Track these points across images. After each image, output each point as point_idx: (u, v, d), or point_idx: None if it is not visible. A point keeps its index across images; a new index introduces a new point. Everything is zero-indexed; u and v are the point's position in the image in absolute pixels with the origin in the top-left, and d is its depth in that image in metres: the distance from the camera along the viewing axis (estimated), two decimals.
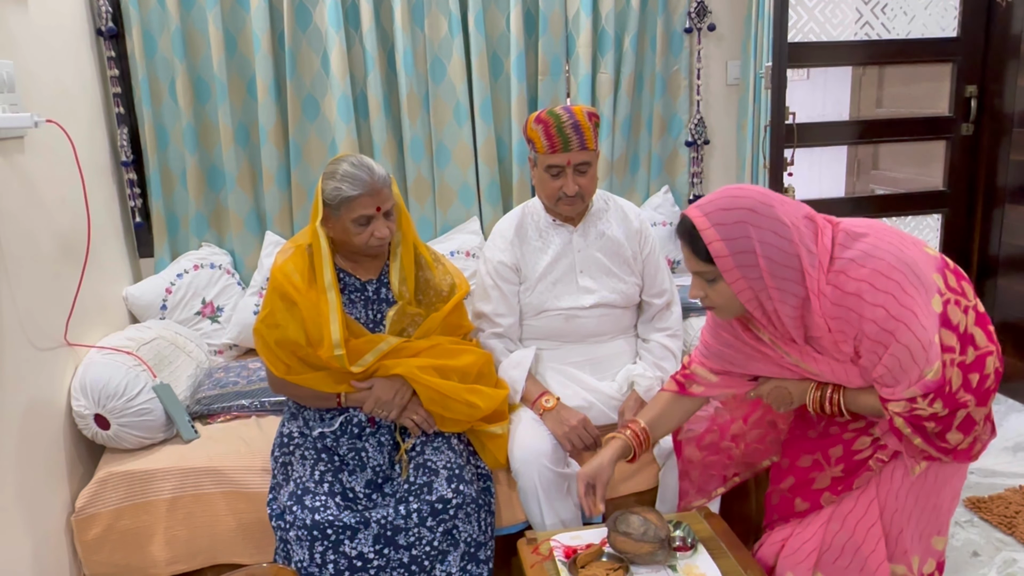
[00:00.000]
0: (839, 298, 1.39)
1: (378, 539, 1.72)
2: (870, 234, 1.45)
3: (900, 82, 3.62)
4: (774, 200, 1.42)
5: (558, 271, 2.09)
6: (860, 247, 1.42)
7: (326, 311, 1.80)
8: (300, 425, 1.90)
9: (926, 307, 1.36)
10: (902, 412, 1.41)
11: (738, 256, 1.39)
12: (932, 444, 1.43)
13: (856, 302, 1.38)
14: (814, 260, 1.40)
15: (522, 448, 1.93)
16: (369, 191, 1.76)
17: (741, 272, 1.40)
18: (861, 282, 1.38)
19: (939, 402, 1.37)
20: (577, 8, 2.81)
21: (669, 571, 1.61)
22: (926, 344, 1.35)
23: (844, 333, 1.41)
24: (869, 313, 1.37)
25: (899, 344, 1.35)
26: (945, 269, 1.44)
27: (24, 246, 1.83)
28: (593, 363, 2.11)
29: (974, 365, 1.39)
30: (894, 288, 1.36)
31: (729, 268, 1.40)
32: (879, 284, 1.37)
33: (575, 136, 1.93)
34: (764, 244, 1.38)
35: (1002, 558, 2.16)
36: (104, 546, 1.90)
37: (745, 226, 1.38)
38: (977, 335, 1.41)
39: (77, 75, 2.37)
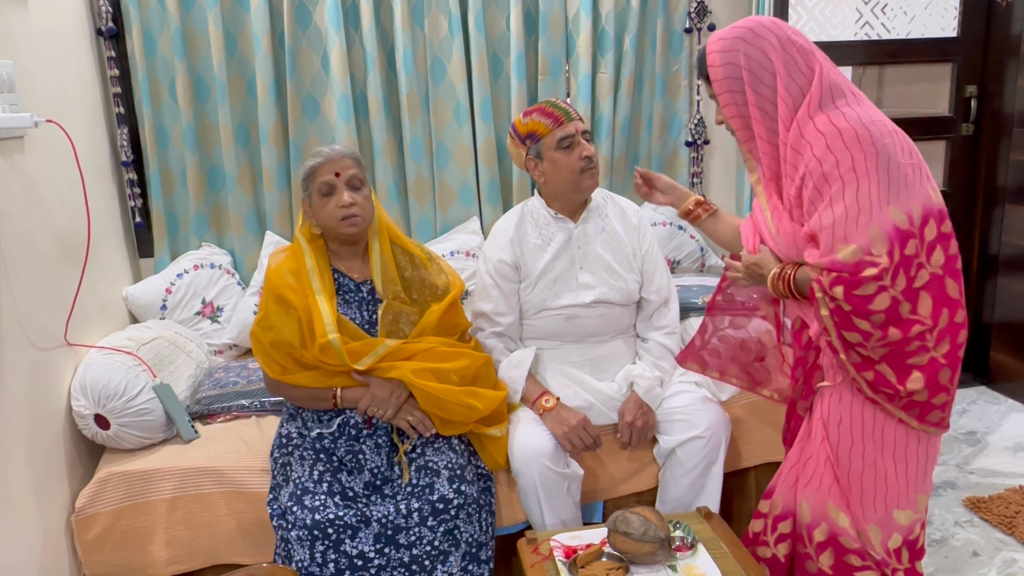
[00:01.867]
0: (796, 139, 1.45)
1: (379, 538, 1.72)
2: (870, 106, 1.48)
3: (900, 82, 3.62)
4: (782, 28, 1.52)
5: (559, 267, 2.09)
6: (857, 110, 1.45)
7: (317, 303, 1.82)
8: (299, 426, 1.90)
9: (875, 195, 1.39)
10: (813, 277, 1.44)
11: (726, 67, 1.52)
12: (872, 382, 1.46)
13: (811, 146, 1.43)
14: (793, 86, 1.48)
15: (522, 448, 1.93)
16: (327, 159, 1.85)
17: (727, 83, 1.52)
18: (829, 127, 1.42)
19: (840, 290, 1.39)
20: (577, 8, 2.81)
21: (669, 571, 1.61)
22: (856, 217, 1.38)
23: (791, 177, 1.47)
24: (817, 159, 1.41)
25: (846, 195, 1.39)
26: (931, 217, 1.43)
27: (24, 246, 1.83)
28: (593, 363, 2.11)
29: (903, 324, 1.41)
30: (857, 154, 1.39)
31: (718, 79, 1.54)
32: (847, 139, 1.40)
33: (571, 108, 2.05)
34: (749, 58, 1.50)
35: (1002, 558, 2.16)
36: (104, 546, 1.90)
37: (739, 41, 1.51)
38: (922, 301, 1.42)
39: (77, 75, 2.37)
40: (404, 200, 2.87)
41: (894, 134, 1.44)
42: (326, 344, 1.79)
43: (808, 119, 1.45)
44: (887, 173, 1.40)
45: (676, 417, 2.01)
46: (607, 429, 2.07)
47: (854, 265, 1.38)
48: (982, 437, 2.86)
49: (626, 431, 2.02)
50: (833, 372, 1.57)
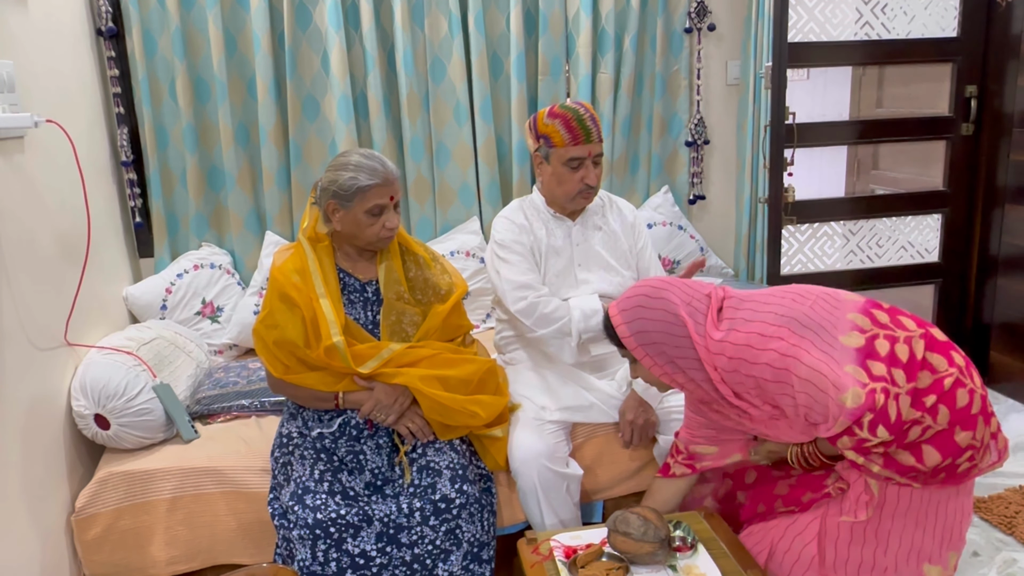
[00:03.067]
0: (725, 363, 1.53)
1: (380, 537, 1.72)
2: (754, 300, 1.59)
3: (900, 82, 3.62)
4: (669, 284, 1.63)
5: (558, 264, 2.09)
6: (740, 314, 1.56)
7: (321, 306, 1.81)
8: (299, 425, 1.90)
9: (823, 345, 1.46)
10: (851, 446, 1.45)
11: (637, 335, 1.59)
12: (895, 468, 1.48)
13: (741, 363, 1.51)
14: (701, 330, 1.56)
15: (521, 448, 1.93)
16: (384, 181, 1.79)
17: (645, 350, 1.59)
18: (740, 346, 1.51)
19: (882, 428, 1.41)
20: (577, 8, 2.81)
21: (669, 571, 1.61)
22: (826, 372, 1.42)
23: (748, 393, 1.53)
24: (757, 371, 1.49)
25: (799, 379, 1.44)
26: (872, 309, 1.54)
27: (24, 246, 1.83)
28: (593, 362, 2.11)
29: (932, 388, 1.46)
30: (772, 343, 1.48)
31: (633, 347, 1.60)
32: (756, 344, 1.50)
33: (593, 128, 1.98)
34: (654, 322, 1.58)
35: (1002, 558, 2.16)
36: (104, 546, 1.90)
37: (639, 309, 1.60)
38: (934, 360, 1.49)
39: (77, 75, 2.37)
40: (404, 200, 2.87)
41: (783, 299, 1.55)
42: (331, 347, 1.79)
43: (718, 344, 1.53)
44: (808, 328, 1.48)
45: (675, 416, 2.02)
46: (608, 428, 2.07)
47: (867, 401, 1.40)
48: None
49: (627, 430, 2.02)
50: (857, 507, 1.57)
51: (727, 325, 1.56)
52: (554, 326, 2.01)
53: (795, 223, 3.05)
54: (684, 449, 1.79)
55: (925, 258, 3.30)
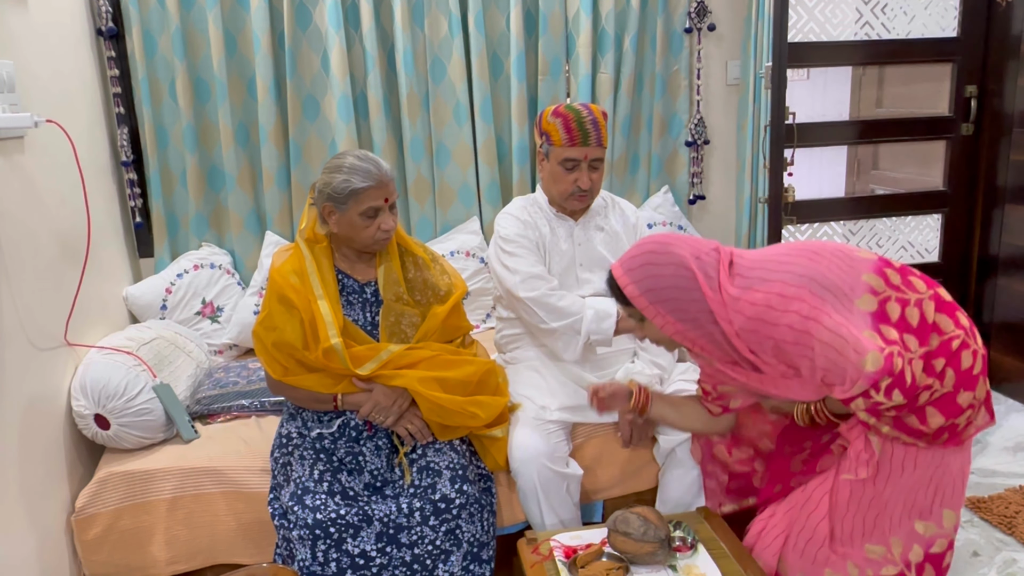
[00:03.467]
0: (744, 323, 1.49)
1: (380, 537, 1.72)
2: (768, 258, 1.56)
3: (900, 82, 3.62)
4: (676, 241, 1.58)
5: (560, 264, 2.09)
6: (757, 273, 1.53)
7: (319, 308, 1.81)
8: (299, 426, 1.90)
9: (841, 308, 1.45)
10: (865, 408, 1.45)
11: (648, 294, 1.54)
12: (903, 429, 1.49)
13: (760, 324, 1.48)
14: (713, 284, 1.52)
15: (521, 448, 1.93)
16: (378, 183, 1.78)
17: (655, 308, 1.54)
18: (760, 306, 1.47)
19: (897, 392, 1.41)
20: (577, 8, 2.81)
21: (669, 571, 1.61)
22: (846, 335, 1.41)
23: (764, 351, 1.50)
24: (776, 332, 1.46)
25: (820, 342, 1.42)
26: (885, 268, 1.52)
27: (24, 246, 1.83)
28: (592, 362, 2.11)
29: (940, 351, 1.46)
30: (794, 305, 1.45)
31: (644, 306, 1.55)
32: (777, 305, 1.46)
33: (593, 131, 1.97)
34: (665, 277, 1.54)
35: (1002, 558, 2.16)
36: (104, 546, 1.90)
37: (648, 267, 1.55)
38: (942, 322, 1.49)
39: (77, 75, 2.37)
40: (404, 200, 2.87)
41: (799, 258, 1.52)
42: (329, 349, 1.79)
43: (735, 302, 1.50)
44: (826, 290, 1.46)
45: None
46: (608, 428, 2.07)
47: (885, 364, 1.39)
48: (982, 437, 2.86)
49: (627, 429, 2.01)
50: (857, 464, 1.58)
51: (742, 283, 1.52)
52: (566, 320, 1.99)
53: (795, 223, 3.04)
54: (713, 390, 1.78)
55: (925, 258, 3.30)
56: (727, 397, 1.77)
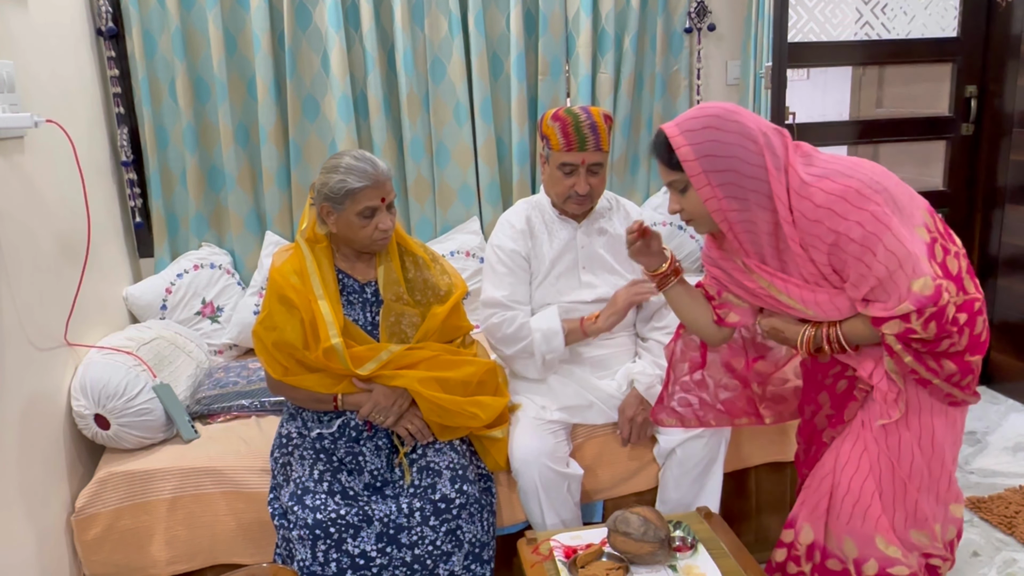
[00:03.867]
0: (809, 210, 1.41)
1: (381, 537, 1.72)
2: (842, 157, 1.48)
3: (900, 82, 3.62)
4: (742, 111, 1.47)
5: (561, 266, 2.09)
6: (833, 166, 1.45)
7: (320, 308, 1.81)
8: (299, 426, 1.90)
9: (907, 227, 1.40)
10: (896, 332, 1.40)
11: (704, 160, 1.44)
12: (922, 363, 1.44)
13: (828, 215, 1.40)
14: (779, 163, 1.43)
15: (522, 448, 1.93)
16: (374, 183, 1.77)
17: (707, 177, 1.45)
18: (835, 196, 1.40)
19: (933, 324, 1.37)
20: (577, 8, 2.81)
21: (669, 571, 1.61)
22: (911, 251, 1.37)
23: (816, 248, 1.43)
24: (844, 227, 1.39)
25: (885, 249, 1.36)
26: (932, 213, 1.48)
27: (24, 246, 1.83)
28: (593, 361, 2.11)
29: (963, 307, 1.41)
30: (870, 205, 1.38)
31: (696, 172, 1.45)
32: (853, 200, 1.39)
33: (591, 136, 1.95)
34: (727, 145, 1.43)
35: (1002, 558, 2.16)
36: (104, 546, 1.90)
37: (711, 131, 1.44)
38: (966, 281, 1.45)
39: (77, 75, 2.37)
40: (404, 200, 2.87)
41: (873, 169, 1.45)
42: (329, 349, 1.79)
43: (804, 186, 1.43)
44: (896, 205, 1.41)
45: None
46: (607, 428, 2.07)
47: (934, 293, 1.36)
48: (982, 437, 2.86)
49: (626, 427, 2.02)
50: (887, 407, 1.52)
51: (815, 171, 1.44)
52: (517, 346, 2.03)
53: None
54: (717, 295, 1.71)
55: None
56: (727, 307, 1.70)
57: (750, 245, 1.51)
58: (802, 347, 1.56)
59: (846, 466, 1.58)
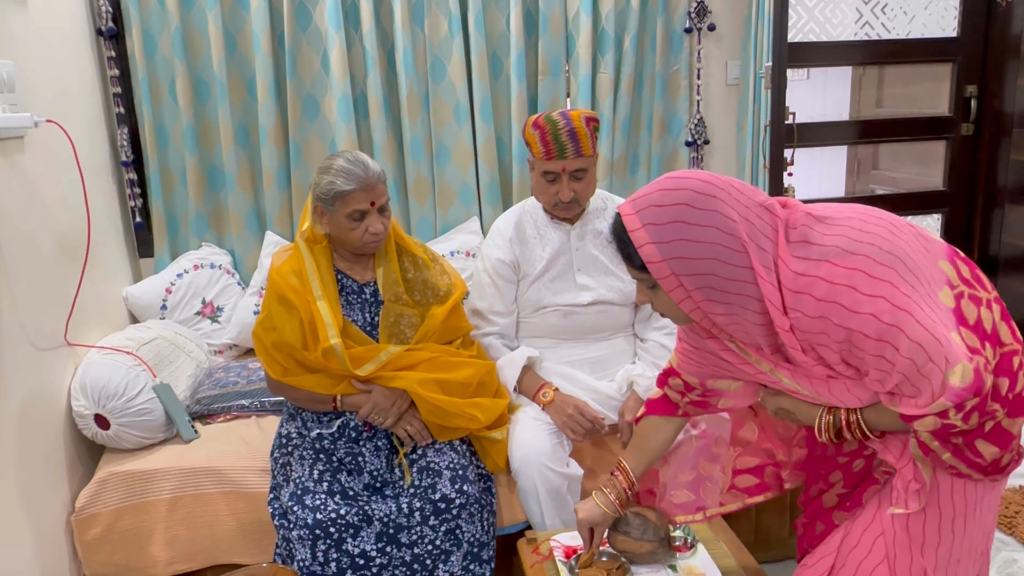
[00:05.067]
0: (810, 307, 1.16)
1: (380, 537, 1.72)
2: (842, 221, 1.21)
3: (900, 82, 3.62)
4: (718, 188, 1.18)
5: (556, 268, 2.09)
6: (832, 240, 1.18)
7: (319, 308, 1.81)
8: (298, 426, 1.90)
9: (930, 301, 1.15)
10: (933, 428, 1.15)
11: (674, 263, 1.18)
12: (963, 458, 1.19)
13: (834, 310, 1.15)
14: (768, 259, 1.18)
15: (522, 448, 1.93)
16: (363, 186, 1.76)
17: (679, 280, 1.19)
18: (837, 286, 1.14)
19: (975, 415, 1.13)
20: (577, 8, 2.81)
21: (669, 571, 1.61)
22: (940, 337, 1.11)
23: (826, 347, 1.19)
24: (856, 322, 1.14)
25: (909, 341, 1.11)
26: (955, 257, 1.24)
27: (24, 246, 1.83)
28: (592, 363, 2.11)
29: (1001, 367, 1.17)
30: (883, 289, 1.13)
31: (665, 275, 1.19)
32: (862, 287, 1.13)
33: (571, 143, 1.92)
34: (702, 245, 1.16)
35: (1002, 558, 2.16)
36: (104, 546, 1.90)
37: (680, 226, 1.16)
38: (1003, 331, 1.20)
39: (77, 75, 2.37)
40: (404, 200, 2.87)
41: (879, 226, 1.20)
42: (328, 349, 1.79)
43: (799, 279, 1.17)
44: (913, 275, 1.15)
45: None
46: (609, 430, 2.07)
47: (975, 382, 1.11)
48: None
49: (627, 430, 2.02)
50: (906, 496, 1.27)
51: (810, 252, 1.17)
52: None
53: None
54: (699, 385, 1.46)
55: None
56: (717, 395, 1.47)
57: (744, 338, 1.27)
58: (820, 435, 1.32)
59: (855, 549, 1.35)
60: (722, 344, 1.33)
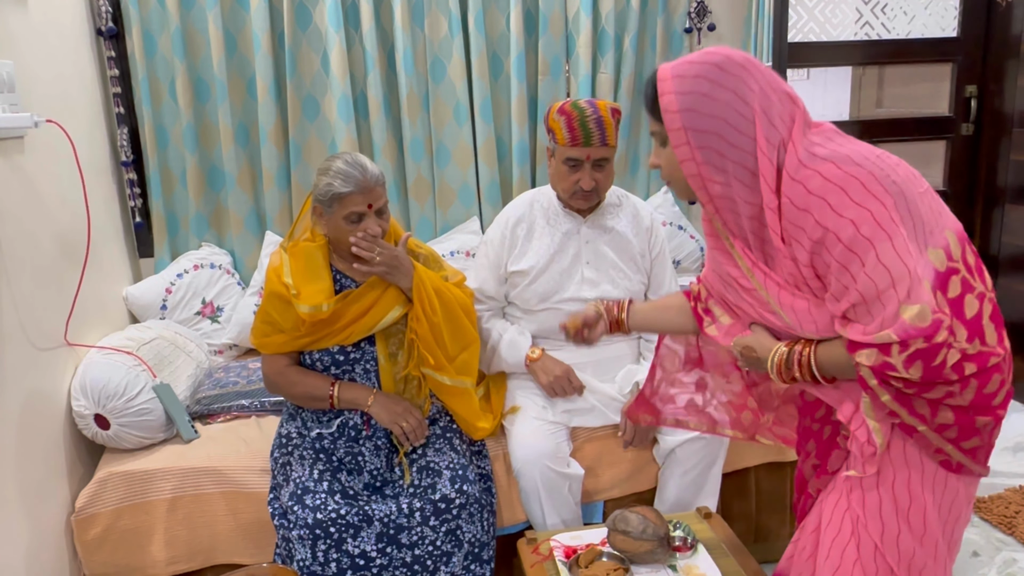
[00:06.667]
0: (800, 196, 1.17)
1: (381, 538, 1.72)
2: (867, 146, 1.24)
3: (900, 82, 3.62)
4: (752, 64, 1.22)
5: (564, 260, 2.07)
6: (844, 150, 1.20)
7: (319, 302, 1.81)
8: (298, 426, 1.90)
9: (916, 245, 1.14)
10: (872, 364, 1.15)
11: (686, 114, 1.21)
12: (905, 405, 1.18)
13: (820, 206, 1.15)
14: (775, 137, 1.20)
15: (523, 448, 1.93)
16: (361, 188, 1.76)
17: (686, 134, 1.22)
18: (833, 184, 1.15)
19: (919, 364, 1.12)
20: (577, 8, 2.81)
21: (669, 571, 1.61)
22: (910, 269, 1.11)
23: (799, 244, 1.19)
24: (834, 223, 1.14)
25: (877, 260, 1.12)
26: (965, 242, 1.21)
27: (24, 246, 1.83)
28: (594, 364, 2.11)
29: (976, 357, 1.15)
30: (872, 204, 1.13)
31: (675, 127, 1.23)
32: (854, 193, 1.14)
33: (597, 131, 1.93)
34: (716, 103, 1.20)
35: (1002, 558, 2.16)
36: (104, 546, 1.90)
37: (703, 81, 1.21)
38: (988, 331, 1.18)
39: (77, 75, 2.37)
40: (404, 200, 2.87)
41: (897, 166, 1.21)
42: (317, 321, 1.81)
43: (801, 168, 1.19)
44: (909, 214, 1.16)
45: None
46: (608, 428, 2.07)
47: (929, 327, 1.10)
48: None
49: (629, 431, 2.01)
50: (864, 461, 1.26)
51: (824, 151, 1.19)
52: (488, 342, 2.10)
53: None
54: (703, 299, 1.50)
55: None
56: (710, 316, 1.48)
57: (733, 226, 1.29)
58: (772, 369, 1.31)
59: (828, 526, 1.35)
60: (722, 247, 1.35)
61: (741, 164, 1.22)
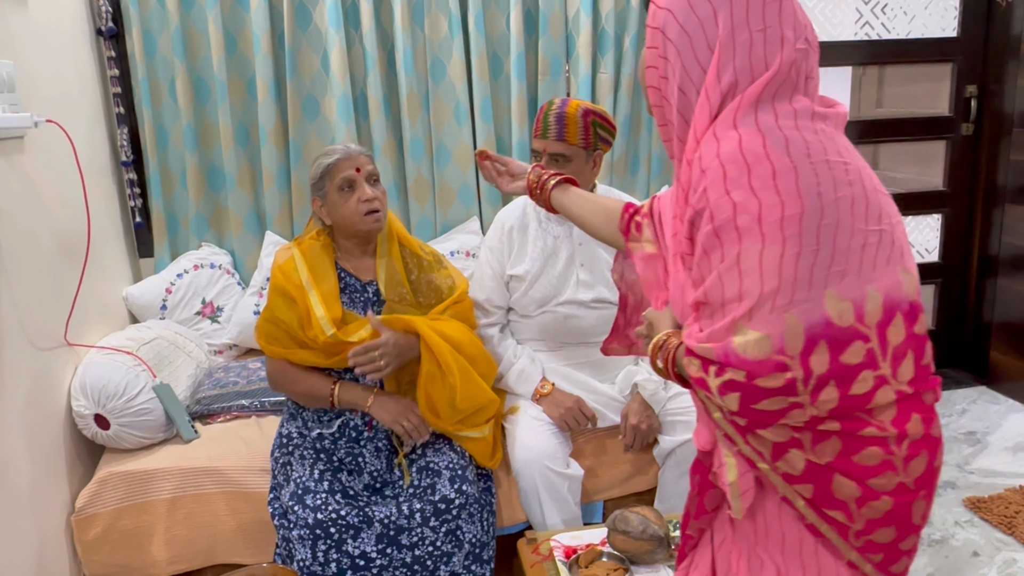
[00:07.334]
0: (705, 157, 0.99)
1: (381, 538, 1.72)
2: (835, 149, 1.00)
3: (900, 82, 3.62)
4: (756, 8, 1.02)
5: (558, 264, 2.08)
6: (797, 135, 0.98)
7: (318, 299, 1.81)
8: (299, 426, 1.91)
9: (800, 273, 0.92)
10: (694, 375, 1.00)
11: (665, 13, 1.06)
12: (739, 430, 1.00)
13: (715, 175, 0.97)
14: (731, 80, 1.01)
15: (523, 448, 1.93)
16: (345, 155, 1.85)
17: (659, 36, 1.07)
18: (738, 155, 0.96)
19: (735, 398, 0.95)
20: (577, 8, 2.81)
21: (669, 571, 1.61)
22: (767, 292, 0.92)
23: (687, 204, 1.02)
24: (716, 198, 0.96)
25: (735, 262, 0.94)
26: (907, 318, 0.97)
27: (24, 246, 1.83)
28: (593, 365, 2.11)
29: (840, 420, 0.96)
30: (770, 198, 0.93)
31: (654, 24, 1.08)
32: (757, 175, 0.94)
33: (555, 125, 1.95)
34: (691, 17, 1.03)
35: (1002, 558, 2.16)
36: (104, 546, 1.90)
37: None
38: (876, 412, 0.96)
39: (77, 75, 2.37)
40: (404, 200, 2.87)
41: (850, 185, 0.97)
42: (326, 343, 1.80)
43: (729, 128, 1.00)
44: (817, 239, 0.93)
45: (677, 418, 2.01)
46: (608, 429, 2.07)
47: (757, 364, 0.92)
48: (982, 437, 2.86)
49: (630, 434, 2.01)
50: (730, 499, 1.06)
51: (767, 120, 0.99)
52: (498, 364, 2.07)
53: None
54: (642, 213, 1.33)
55: (925, 258, 3.30)
56: (639, 232, 1.32)
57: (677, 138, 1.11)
58: (650, 354, 1.14)
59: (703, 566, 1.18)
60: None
61: (689, 96, 1.05)
